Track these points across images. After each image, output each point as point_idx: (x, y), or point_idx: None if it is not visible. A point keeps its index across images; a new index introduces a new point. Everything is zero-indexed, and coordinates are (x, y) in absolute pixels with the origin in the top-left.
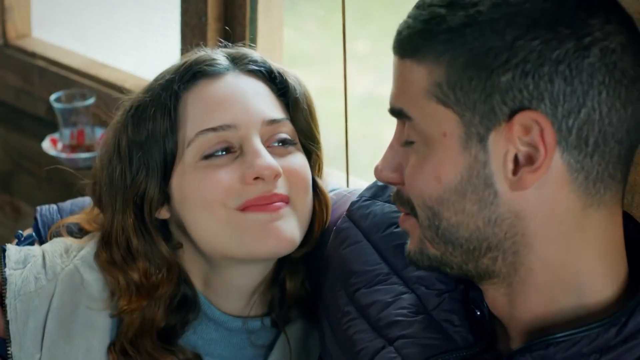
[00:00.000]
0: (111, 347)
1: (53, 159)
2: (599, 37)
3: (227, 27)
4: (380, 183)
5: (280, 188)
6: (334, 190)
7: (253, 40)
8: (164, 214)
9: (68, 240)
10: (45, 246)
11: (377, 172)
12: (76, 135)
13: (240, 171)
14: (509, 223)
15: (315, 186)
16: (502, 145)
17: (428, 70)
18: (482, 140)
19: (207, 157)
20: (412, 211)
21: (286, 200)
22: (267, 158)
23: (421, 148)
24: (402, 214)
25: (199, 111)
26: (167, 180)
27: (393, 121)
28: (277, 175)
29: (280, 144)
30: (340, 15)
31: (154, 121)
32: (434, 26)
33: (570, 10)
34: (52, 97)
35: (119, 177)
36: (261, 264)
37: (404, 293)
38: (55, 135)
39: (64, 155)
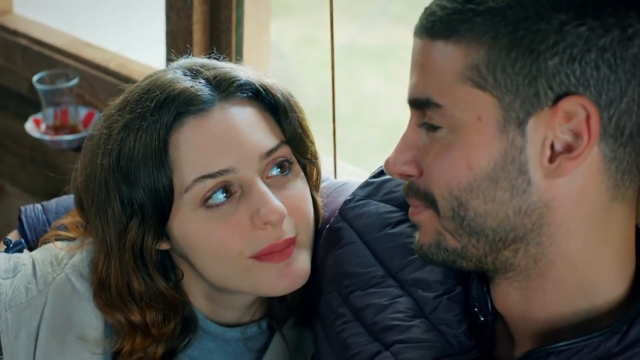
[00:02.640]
0: None
1: (36, 140)
2: None
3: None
4: (374, 181)
5: (288, 230)
6: (323, 181)
7: (239, 22)
8: (164, 246)
9: (58, 247)
10: (35, 254)
11: (389, 166)
12: (60, 115)
13: (247, 215)
14: (539, 213)
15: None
16: (542, 131)
17: (464, 52)
18: (521, 124)
19: (207, 202)
20: (430, 204)
21: (295, 241)
22: (273, 202)
23: (448, 135)
24: (413, 208)
25: (192, 156)
26: (164, 221)
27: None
28: (284, 218)
29: (279, 169)
30: None
31: (145, 166)
32: (475, 6)
33: (613, 0)
34: (35, 78)
35: (112, 220)
36: None
37: (400, 296)
38: (39, 116)
39: (47, 137)
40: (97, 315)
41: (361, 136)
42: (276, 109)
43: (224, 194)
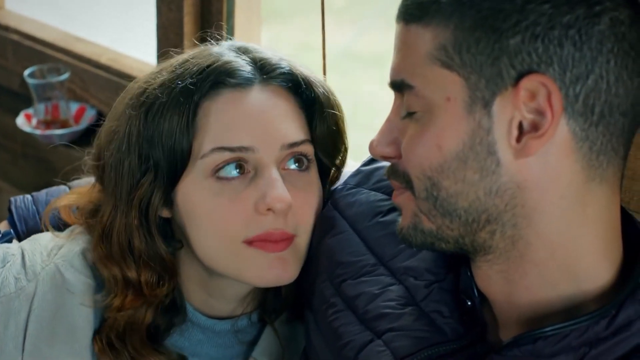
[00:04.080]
0: (97, 337)
1: (28, 135)
2: (609, 6)
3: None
4: (365, 169)
5: (289, 225)
6: None
7: (230, 14)
8: (165, 213)
9: (48, 236)
10: (24, 244)
11: (372, 147)
12: (51, 110)
13: (253, 198)
14: (510, 194)
15: None
16: (508, 111)
17: (433, 33)
18: (487, 105)
19: (219, 175)
20: (407, 184)
21: (291, 239)
22: (280, 190)
23: (422, 117)
24: (395, 191)
25: (219, 126)
26: (173, 184)
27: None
28: (288, 209)
29: (297, 164)
30: None
31: (170, 126)
32: None
33: None
34: (26, 72)
35: (126, 173)
36: None
37: (392, 284)
38: (30, 111)
39: (39, 132)
40: (88, 288)
41: (358, 140)
42: (313, 104)
43: (237, 170)
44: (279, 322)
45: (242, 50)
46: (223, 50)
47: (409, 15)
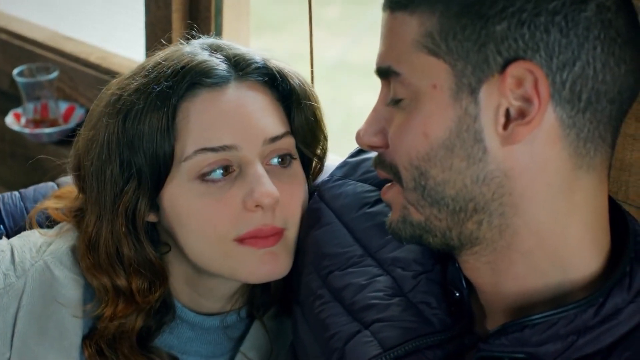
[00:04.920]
0: (86, 342)
1: (16, 134)
2: None
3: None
4: (352, 160)
5: (277, 219)
6: None
7: (218, 12)
8: (152, 218)
9: (37, 233)
10: (14, 241)
11: (359, 137)
12: (40, 110)
13: (240, 196)
14: (498, 182)
15: None
16: (494, 98)
17: (420, 21)
18: (474, 92)
19: (204, 177)
20: (394, 176)
21: (281, 233)
22: (267, 185)
23: (409, 105)
24: (384, 187)
25: (199, 127)
26: (158, 189)
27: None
28: (276, 204)
29: (280, 159)
30: None
31: (150, 130)
32: None
33: None
34: (15, 71)
35: (109, 181)
36: None
37: (379, 275)
38: (19, 110)
39: (27, 130)
40: (77, 291)
41: (350, 149)
42: (290, 96)
43: (222, 171)
44: (267, 317)
45: (215, 48)
46: (195, 50)
47: (394, 4)
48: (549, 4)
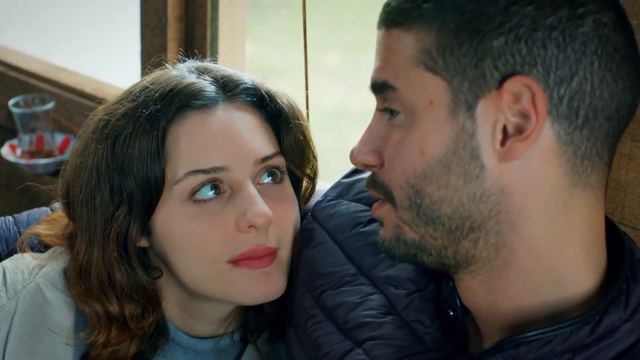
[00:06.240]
0: None
1: (12, 165)
2: (593, 9)
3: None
4: (345, 181)
5: (271, 239)
6: None
7: (214, 39)
8: (143, 243)
9: (29, 256)
10: (6, 263)
11: (353, 156)
12: (35, 142)
13: (233, 217)
14: (495, 199)
15: None
16: (492, 114)
17: (417, 37)
18: (471, 108)
19: (195, 198)
20: (386, 195)
21: (275, 253)
22: (260, 205)
23: (405, 121)
24: (375, 203)
25: (189, 149)
26: (149, 213)
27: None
28: (269, 224)
29: (270, 177)
30: (312, 27)
31: (140, 154)
32: None
33: None
34: (11, 102)
35: (99, 207)
36: None
37: (372, 294)
38: (14, 141)
39: (23, 161)
40: (69, 314)
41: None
42: (278, 116)
43: (213, 191)
44: (261, 341)
45: (202, 70)
46: (183, 73)
47: (390, 21)
48: (546, 19)
